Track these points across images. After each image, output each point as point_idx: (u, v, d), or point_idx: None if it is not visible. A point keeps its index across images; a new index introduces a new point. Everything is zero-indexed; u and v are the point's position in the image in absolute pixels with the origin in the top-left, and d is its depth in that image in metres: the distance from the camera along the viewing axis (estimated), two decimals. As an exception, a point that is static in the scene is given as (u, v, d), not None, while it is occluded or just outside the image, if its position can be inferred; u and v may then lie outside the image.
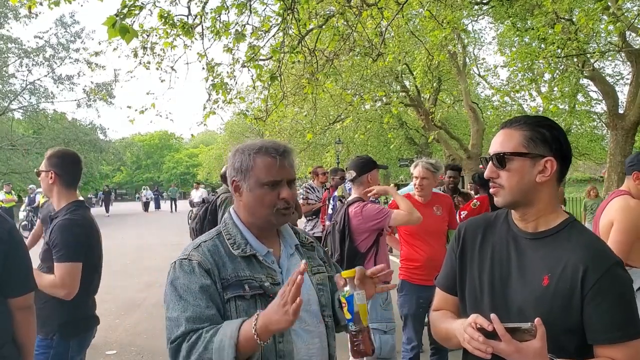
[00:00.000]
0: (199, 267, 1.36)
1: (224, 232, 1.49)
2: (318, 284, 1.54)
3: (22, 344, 1.76)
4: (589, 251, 1.28)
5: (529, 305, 1.29)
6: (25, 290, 1.76)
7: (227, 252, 1.43)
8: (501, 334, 1.15)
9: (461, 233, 1.53)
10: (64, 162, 2.43)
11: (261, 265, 1.43)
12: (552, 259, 1.31)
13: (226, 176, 1.54)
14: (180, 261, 1.40)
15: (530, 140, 1.32)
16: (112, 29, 3.52)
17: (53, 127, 27.02)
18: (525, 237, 1.38)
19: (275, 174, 1.43)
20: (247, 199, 1.46)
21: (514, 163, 1.33)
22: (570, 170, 14.43)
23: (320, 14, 7.10)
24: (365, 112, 17.83)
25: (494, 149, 1.37)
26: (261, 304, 1.36)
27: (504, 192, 1.36)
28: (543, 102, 10.30)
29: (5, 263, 1.66)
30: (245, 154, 1.45)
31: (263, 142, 1.48)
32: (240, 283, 1.37)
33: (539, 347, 1.15)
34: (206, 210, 4.92)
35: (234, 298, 1.36)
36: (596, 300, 1.24)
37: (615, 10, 7.79)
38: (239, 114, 9.35)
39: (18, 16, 23.88)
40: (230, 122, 31.45)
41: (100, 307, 2.54)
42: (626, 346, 1.23)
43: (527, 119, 1.38)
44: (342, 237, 3.24)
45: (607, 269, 1.25)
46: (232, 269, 1.39)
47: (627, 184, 2.66)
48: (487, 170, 1.38)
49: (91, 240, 2.39)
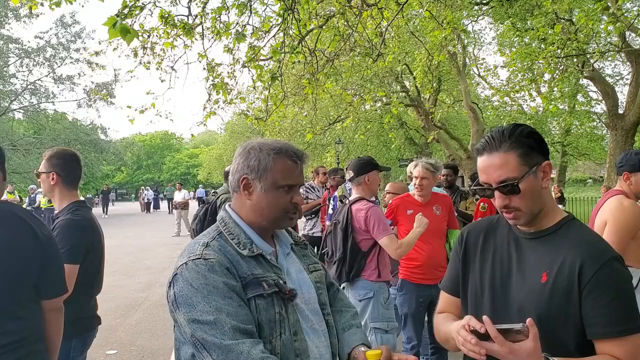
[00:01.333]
0: (219, 265, 1.31)
1: (225, 231, 1.43)
2: (316, 282, 1.52)
3: (50, 343, 1.82)
4: (586, 247, 1.29)
5: (529, 302, 1.30)
6: (59, 292, 1.83)
7: (235, 252, 1.38)
8: (493, 335, 1.16)
9: (464, 236, 1.54)
10: (65, 162, 2.43)
11: (269, 264, 1.41)
12: (550, 256, 1.32)
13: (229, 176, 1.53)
14: (194, 262, 1.32)
15: (526, 156, 1.32)
16: (113, 29, 3.53)
17: (54, 127, 27.01)
18: (525, 237, 1.39)
19: (294, 178, 1.42)
20: (258, 199, 1.42)
21: (524, 184, 1.32)
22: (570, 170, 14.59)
23: (321, 14, 7.12)
24: (365, 112, 17.82)
25: (494, 179, 1.33)
26: (278, 301, 1.35)
27: (524, 214, 1.35)
28: (543, 102, 10.30)
29: (44, 267, 1.73)
30: (264, 153, 1.40)
31: (282, 143, 1.44)
32: (258, 281, 1.34)
33: (532, 347, 1.16)
34: (206, 210, 4.93)
35: (254, 297, 1.32)
36: (594, 294, 1.24)
37: (615, 10, 7.78)
38: (240, 114, 9.37)
39: (19, 16, 23.89)
40: (230, 123, 31.44)
41: (100, 307, 2.55)
42: (626, 341, 1.23)
43: (508, 136, 1.34)
44: (344, 235, 3.25)
45: (604, 264, 1.25)
46: (246, 267, 1.35)
47: (619, 184, 2.67)
48: (498, 200, 1.35)
49: (92, 241, 2.39)
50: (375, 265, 3.21)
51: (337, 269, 3.22)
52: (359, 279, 3.19)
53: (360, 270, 3.19)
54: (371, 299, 3.14)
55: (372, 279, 3.18)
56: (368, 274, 3.19)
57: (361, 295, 3.16)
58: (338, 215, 3.41)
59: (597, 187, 26.67)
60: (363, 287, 3.18)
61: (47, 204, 15.08)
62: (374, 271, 3.19)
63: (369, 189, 3.38)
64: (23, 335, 1.64)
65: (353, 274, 3.18)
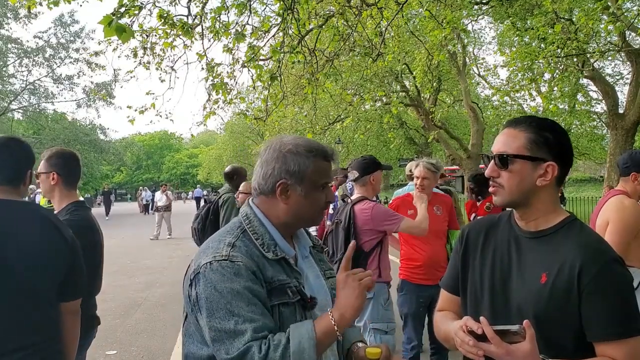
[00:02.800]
0: (246, 269, 1.25)
1: (249, 229, 1.37)
2: (332, 289, 1.48)
3: (66, 347, 1.84)
4: (586, 248, 1.28)
5: (528, 303, 1.30)
6: (77, 296, 1.86)
7: (260, 254, 1.32)
8: (490, 336, 1.16)
9: (464, 234, 1.55)
10: (64, 161, 2.42)
11: (291, 269, 1.36)
12: (550, 257, 1.31)
13: (230, 176, 1.53)
14: (219, 262, 1.26)
15: (534, 143, 1.33)
16: (108, 27, 3.51)
17: (53, 127, 27.03)
18: (525, 237, 1.39)
19: (328, 177, 1.43)
20: (297, 202, 1.38)
21: (515, 165, 1.33)
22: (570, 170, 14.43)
23: (320, 14, 7.11)
24: (365, 112, 17.82)
25: (497, 148, 1.37)
26: (299, 309, 1.31)
27: (504, 192, 1.36)
28: (543, 101, 10.31)
29: (69, 269, 1.77)
30: (303, 157, 1.37)
31: (315, 144, 1.41)
32: (283, 287, 1.29)
33: (529, 348, 1.16)
34: (208, 210, 4.92)
35: (279, 305, 1.28)
36: (593, 296, 1.23)
37: (615, 10, 7.79)
38: (239, 114, 9.36)
39: (18, 16, 23.89)
40: (230, 122, 31.50)
41: (100, 307, 2.54)
42: (626, 343, 1.22)
43: (532, 120, 1.37)
44: (346, 235, 3.23)
45: (604, 265, 1.25)
46: (271, 272, 1.30)
47: (623, 184, 2.64)
48: (488, 168, 1.38)
49: (91, 241, 2.37)
50: (377, 265, 3.19)
51: (338, 269, 3.20)
52: None
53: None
54: (371, 300, 3.13)
55: (373, 279, 3.16)
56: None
57: None
58: (340, 214, 3.38)
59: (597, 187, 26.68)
60: None
61: (46, 204, 15.06)
62: (374, 271, 3.17)
63: (372, 189, 3.37)
64: (50, 335, 1.70)
65: None
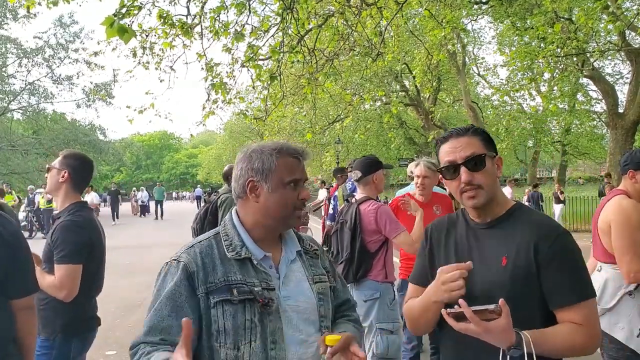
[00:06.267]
0: (183, 270, 1.36)
1: (222, 232, 1.47)
2: (319, 294, 1.50)
3: (23, 344, 1.78)
4: (538, 227, 1.43)
5: (493, 286, 1.40)
6: (27, 292, 1.78)
7: (220, 254, 1.40)
8: (469, 316, 1.26)
9: (428, 233, 1.67)
10: (81, 164, 2.42)
11: (255, 270, 1.40)
12: (507, 241, 1.45)
13: (229, 176, 1.54)
14: (169, 262, 1.41)
15: (486, 142, 1.51)
16: (110, 28, 3.51)
17: (52, 127, 27.01)
18: (481, 228, 1.52)
19: (299, 173, 1.45)
20: (266, 199, 1.43)
21: (488, 163, 1.48)
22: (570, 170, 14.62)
23: (320, 13, 7.10)
24: (365, 111, 17.84)
25: (463, 155, 1.46)
26: (250, 308, 1.35)
27: (484, 191, 1.46)
28: (543, 101, 10.32)
29: (9, 265, 1.68)
30: (266, 154, 1.43)
31: (281, 143, 1.48)
32: (229, 287, 1.35)
33: (505, 323, 1.26)
34: (206, 210, 4.92)
35: (221, 302, 1.34)
36: (549, 268, 1.37)
37: (614, 9, 7.79)
38: (239, 114, 9.35)
39: (17, 17, 23.88)
40: (229, 122, 31.48)
41: (100, 307, 2.53)
42: (581, 306, 1.36)
43: (469, 127, 1.54)
44: (353, 235, 3.22)
45: (555, 239, 1.39)
46: (222, 272, 1.37)
47: (623, 183, 2.64)
48: (463, 175, 1.46)
49: (93, 242, 2.38)
50: (382, 265, 3.18)
51: (344, 269, 3.19)
52: (365, 279, 3.15)
53: (367, 270, 3.15)
54: (377, 300, 3.12)
55: (379, 279, 3.15)
56: (375, 274, 3.15)
57: (367, 296, 3.13)
58: (345, 214, 3.36)
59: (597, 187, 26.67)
60: (369, 288, 3.15)
61: (46, 204, 15.01)
62: (380, 272, 3.16)
63: (375, 188, 3.36)
64: None
65: (360, 275, 3.16)
